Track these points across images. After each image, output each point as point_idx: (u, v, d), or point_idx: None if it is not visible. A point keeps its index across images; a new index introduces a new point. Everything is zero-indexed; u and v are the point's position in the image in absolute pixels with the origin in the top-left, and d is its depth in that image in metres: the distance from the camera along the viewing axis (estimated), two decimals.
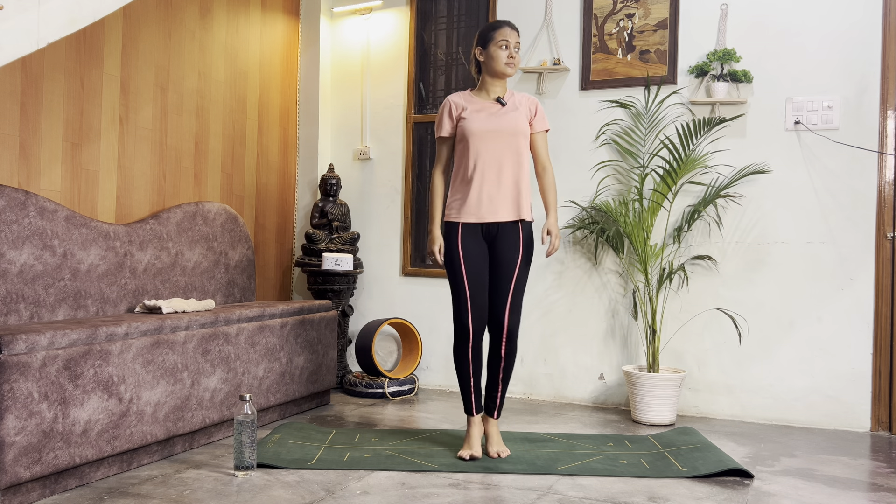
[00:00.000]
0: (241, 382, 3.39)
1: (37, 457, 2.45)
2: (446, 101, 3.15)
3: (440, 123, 3.15)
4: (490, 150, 3.03)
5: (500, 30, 3.05)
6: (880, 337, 3.73)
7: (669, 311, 4.08)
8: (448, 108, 3.14)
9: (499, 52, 3.04)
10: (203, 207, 3.95)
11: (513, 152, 3.04)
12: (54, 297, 3.06)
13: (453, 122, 3.13)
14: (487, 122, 3.05)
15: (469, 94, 3.15)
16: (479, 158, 3.03)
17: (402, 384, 4.39)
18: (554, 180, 3.16)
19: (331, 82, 4.98)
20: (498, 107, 3.09)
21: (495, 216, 3.03)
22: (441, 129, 3.15)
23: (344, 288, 4.58)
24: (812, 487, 2.80)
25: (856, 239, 3.77)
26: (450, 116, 3.13)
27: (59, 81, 3.25)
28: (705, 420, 3.92)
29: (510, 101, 3.11)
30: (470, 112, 3.08)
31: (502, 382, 3.11)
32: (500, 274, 3.04)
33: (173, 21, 3.87)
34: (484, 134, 3.03)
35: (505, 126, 3.04)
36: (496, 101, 3.10)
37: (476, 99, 3.12)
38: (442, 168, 3.18)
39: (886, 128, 3.74)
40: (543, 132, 3.16)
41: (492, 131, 3.03)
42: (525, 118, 3.08)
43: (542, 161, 3.16)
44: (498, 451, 3.07)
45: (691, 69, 4.05)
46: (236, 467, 2.80)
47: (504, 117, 3.06)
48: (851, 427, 3.76)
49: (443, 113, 3.15)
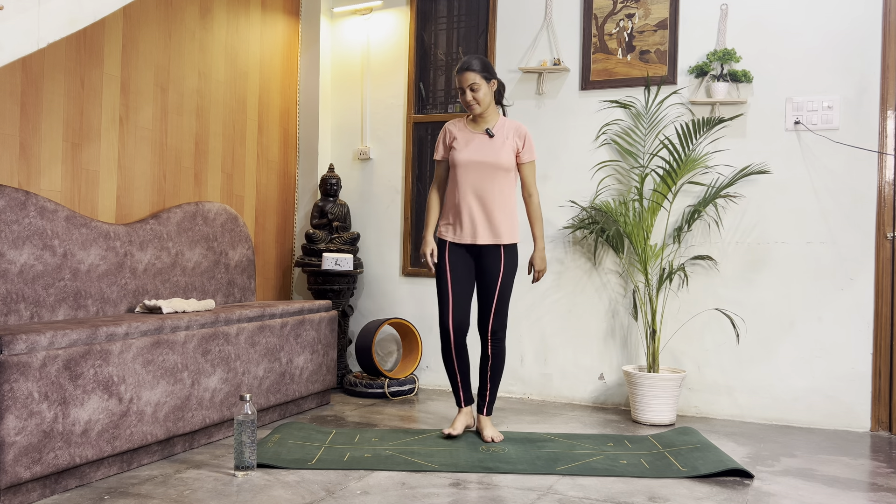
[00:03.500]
0: (241, 382, 3.39)
1: (37, 457, 2.45)
2: (444, 129, 3.44)
3: (437, 147, 3.44)
4: (473, 180, 3.28)
5: (456, 76, 3.29)
6: (880, 337, 3.73)
7: (669, 311, 4.08)
8: (443, 136, 3.42)
9: (461, 95, 3.30)
10: (203, 207, 3.95)
11: (495, 183, 3.28)
12: (54, 297, 3.07)
13: (446, 150, 3.41)
14: (473, 153, 3.29)
15: (463, 124, 3.40)
16: (464, 187, 3.29)
17: (402, 384, 4.39)
18: (539, 207, 3.38)
19: (331, 82, 4.98)
20: (486, 138, 3.31)
21: (476, 240, 3.30)
22: (437, 153, 3.45)
23: (344, 288, 4.58)
24: (812, 487, 2.81)
25: (856, 239, 3.77)
26: (444, 143, 3.42)
27: (59, 81, 3.25)
28: (705, 420, 3.92)
29: (500, 132, 3.32)
30: (459, 142, 3.35)
31: (491, 381, 3.35)
32: (485, 284, 3.32)
33: (173, 21, 3.87)
34: (468, 165, 3.29)
35: (489, 159, 3.28)
36: (485, 132, 3.32)
37: (467, 129, 3.37)
38: (438, 186, 3.46)
39: (886, 128, 3.74)
40: (531, 163, 3.36)
41: (476, 163, 3.28)
42: (511, 150, 3.30)
43: (528, 189, 3.38)
44: (492, 436, 3.31)
45: (691, 69, 4.05)
46: (236, 467, 2.80)
47: (489, 150, 3.29)
48: (851, 427, 3.76)
49: (439, 139, 3.44)
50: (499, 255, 3.30)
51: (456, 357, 3.34)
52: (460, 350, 3.34)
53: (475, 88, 3.24)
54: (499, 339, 3.32)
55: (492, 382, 3.35)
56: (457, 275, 3.32)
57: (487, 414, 3.38)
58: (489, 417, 3.39)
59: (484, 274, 3.31)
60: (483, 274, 3.32)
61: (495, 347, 3.32)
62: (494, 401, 3.39)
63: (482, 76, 3.25)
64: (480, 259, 3.32)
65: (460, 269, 3.33)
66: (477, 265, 3.34)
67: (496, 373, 3.35)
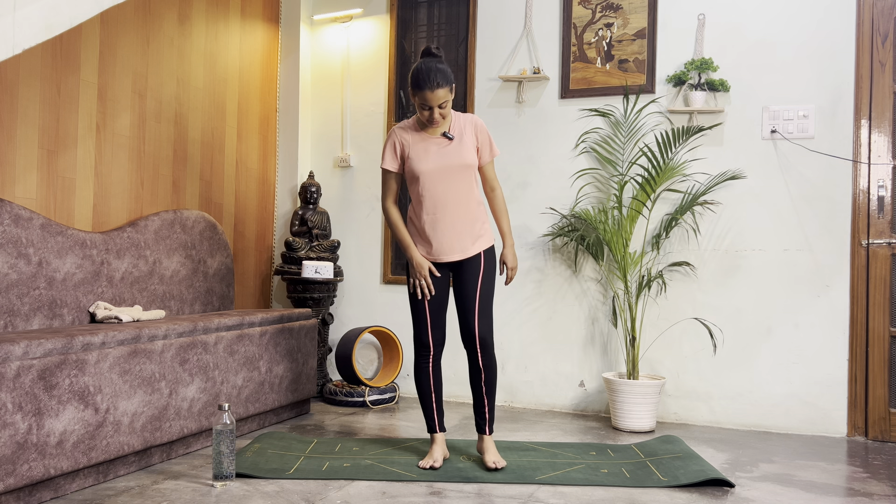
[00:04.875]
0: (219, 392, 3.36)
1: (10, 469, 2.40)
2: (391, 133, 3.07)
3: (384, 155, 3.06)
4: (441, 189, 2.97)
5: (421, 93, 2.86)
6: (856, 343, 3.78)
7: (648, 318, 4.10)
8: (392, 143, 3.05)
9: (422, 111, 2.92)
10: (181, 215, 3.92)
11: (464, 187, 2.99)
12: (29, 306, 3.02)
13: (398, 160, 3.05)
14: (435, 159, 2.97)
15: (414, 128, 3.04)
16: (432, 200, 2.98)
17: (382, 392, 4.37)
18: (503, 201, 3.11)
19: (311, 90, 4.97)
20: (445, 142, 2.99)
21: (452, 257, 3.02)
22: (385, 162, 3.06)
23: (324, 296, 4.56)
24: (790, 493, 2.83)
25: (831, 246, 3.82)
26: (394, 152, 3.05)
27: (34, 88, 3.21)
28: (685, 426, 3.94)
29: (456, 130, 3.01)
30: (416, 149, 3.00)
31: (487, 397, 3.06)
32: (465, 289, 3.02)
33: (151, 28, 3.84)
34: (432, 173, 2.97)
35: (454, 162, 2.97)
36: (443, 135, 3.00)
37: (420, 133, 3.02)
38: (393, 199, 3.09)
39: (860, 137, 3.79)
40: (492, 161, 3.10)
41: (440, 169, 2.97)
42: (472, 146, 3.01)
43: (490, 183, 3.11)
44: (495, 462, 3.01)
45: (669, 78, 4.08)
46: (215, 477, 2.77)
47: (451, 152, 2.98)
48: (828, 432, 3.80)
49: (387, 147, 3.05)
50: (478, 262, 3.03)
51: (433, 375, 3.09)
52: (436, 367, 3.10)
53: (444, 105, 2.89)
54: (488, 348, 3.01)
55: (488, 398, 3.05)
56: (434, 286, 3.03)
57: (490, 433, 3.08)
58: (492, 437, 3.11)
59: (464, 282, 3.02)
60: (463, 282, 3.02)
61: (486, 358, 3.02)
62: (494, 418, 3.09)
63: (450, 89, 2.88)
64: (458, 270, 3.05)
65: (437, 280, 3.04)
66: (455, 275, 3.06)
67: (491, 386, 3.05)
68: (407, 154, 3.02)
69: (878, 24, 3.78)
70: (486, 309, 3.02)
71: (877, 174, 3.77)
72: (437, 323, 3.07)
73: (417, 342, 3.09)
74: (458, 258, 3.03)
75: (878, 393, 3.73)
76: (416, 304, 3.07)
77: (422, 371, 3.10)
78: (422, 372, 3.10)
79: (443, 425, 3.13)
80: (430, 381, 3.09)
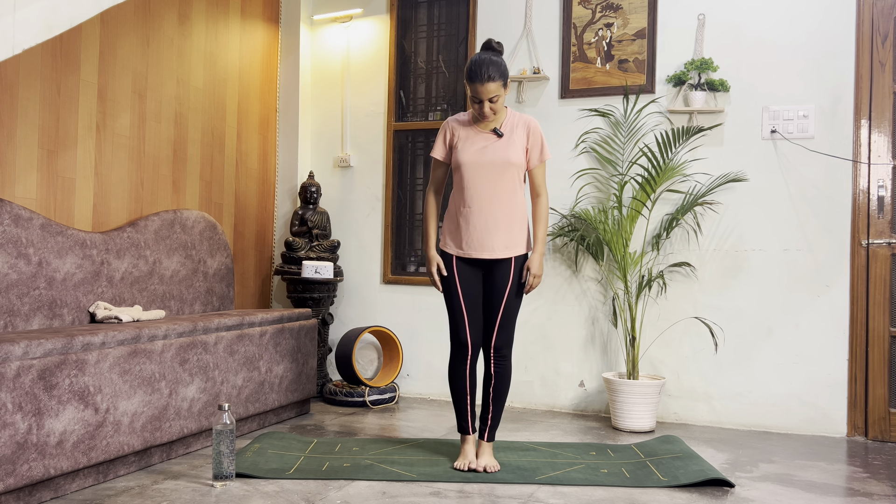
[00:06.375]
0: (219, 392, 3.36)
1: (10, 469, 2.40)
2: (445, 123, 3.09)
3: (436, 145, 3.09)
4: (482, 184, 2.95)
5: (473, 85, 2.87)
6: (856, 343, 3.78)
7: (648, 319, 4.10)
8: (444, 132, 3.07)
9: (473, 104, 2.93)
10: (181, 215, 3.92)
11: (506, 186, 2.96)
12: (29, 306, 3.02)
13: (446, 149, 3.07)
14: (480, 153, 2.96)
15: (468, 119, 3.04)
16: (471, 193, 2.97)
17: (382, 392, 4.37)
18: (546, 208, 3.06)
19: (311, 90, 4.97)
20: (493, 138, 2.98)
21: (485, 254, 2.98)
22: (435, 151, 3.09)
23: (324, 296, 4.56)
24: (790, 493, 2.83)
25: (831, 246, 3.82)
26: (444, 141, 3.07)
27: (34, 88, 3.21)
28: (685, 426, 3.94)
29: (507, 128, 2.99)
30: (463, 141, 3.00)
31: (494, 403, 3.04)
32: (493, 298, 3.01)
33: (151, 28, 3.84)
34: (475, 166, 2.96)
35: (497, 158, 2.95)
36: (492, 131, 2.99)
37: (472, 126, 3.02)
38: (436, 190, 3.12)
39: (860, 136, 3.80)
40: (542, 164, 3.05)
41: (483, 164, 2.95)
42: (521, 147, 2.98)
43: (536, 189, 3.06)
44: (486, 465, 2.99)
45: (669, 78, 4.08)
46: (215, 477, 2.77)
47: (497, 149, 2.96)
48: (828, 432, 3.80)
49: (440, 136, 3.08)
50: (509, 267, 2.98)
51: (469, 376, 3.03)
52: (473, 369, 3.04)
53: (495, 100, 2.88)
54: (503, 357, 3.01)
55: (494, 405, 3.03)
56: (467, 289, 3.00)
57: (489, 440, 3.05)
58: (490, 444, 3.06)
59: (492, 288, 2.99)
60: (491, 288, 3.00)
61: (499, 366, 3.01)
62: (497, 426, 3.06)
63: (503, 84, 2.88)
64: (489, 272, 3.01)
65: (470, 279, 3.01)
66: (485, 277, 3.03)
67: (500, 394, 3.03)
68: (455, 144, 3.02)
69: (878, 24, 3.78)
70: (507, 323, 3.00)
71: (877, 174, 3.77)
72: (474, 320, 3.02)
73: (455, 341, 3.04)
74: (487, 257, 2.98)
75: (878, 393, 3.74)
76: (451, 302, 3.03)
77: (459, 372, 3.05)
78: (458, 373, 3.05)
79: (474, 426, 3.10)
80: (465, 383, 3.05)
